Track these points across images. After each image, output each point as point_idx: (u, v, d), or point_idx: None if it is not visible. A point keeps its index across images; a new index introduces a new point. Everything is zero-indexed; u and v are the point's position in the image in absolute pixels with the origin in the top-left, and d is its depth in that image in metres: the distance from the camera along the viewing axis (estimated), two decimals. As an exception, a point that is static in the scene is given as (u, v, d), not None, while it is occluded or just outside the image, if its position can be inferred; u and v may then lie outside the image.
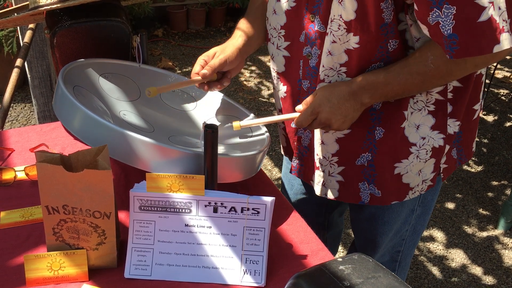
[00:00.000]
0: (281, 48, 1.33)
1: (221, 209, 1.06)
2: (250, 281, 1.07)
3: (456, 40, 1.03)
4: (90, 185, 0.99)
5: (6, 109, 1.92)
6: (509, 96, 4.31)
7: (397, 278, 0.86)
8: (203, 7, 5.44)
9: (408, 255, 1.57)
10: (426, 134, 1.25)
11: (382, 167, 1.29)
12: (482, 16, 1.00)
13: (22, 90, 3.95)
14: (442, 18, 1.02)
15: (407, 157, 1.27)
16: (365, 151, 1.28)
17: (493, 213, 2.96)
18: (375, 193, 1.33)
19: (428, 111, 1.23)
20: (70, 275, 1.05)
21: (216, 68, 1.31)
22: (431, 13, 1.03)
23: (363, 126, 1.26)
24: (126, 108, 1.37)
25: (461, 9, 1.01)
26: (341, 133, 1.28)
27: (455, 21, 1.02)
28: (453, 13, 1.01)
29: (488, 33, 1.02)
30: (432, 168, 1.31)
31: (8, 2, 3.35)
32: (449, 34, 1.03)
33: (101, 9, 1.54)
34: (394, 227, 1.45)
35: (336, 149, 1.31)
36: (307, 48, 1.25)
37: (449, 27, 1.03)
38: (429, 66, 1.12)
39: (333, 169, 1.34)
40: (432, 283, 2.48)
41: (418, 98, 1.21)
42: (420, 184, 1.32)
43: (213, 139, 1.04)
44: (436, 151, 1.28)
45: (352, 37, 1.15)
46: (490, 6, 1.00)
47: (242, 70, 4.60)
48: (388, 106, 1.23)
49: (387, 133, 1.25)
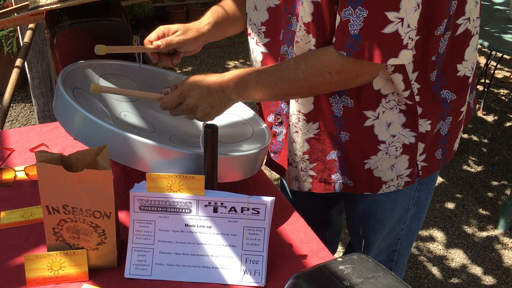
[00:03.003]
0: (260, 44, 1.34)
1: (221, 209, 1.06)
2: (250, 281, 1.07)
3: (359, 42, 1.07)
4: (90, 185, 0.99)
5: (6, 109, 1.92)
6: (509, 96, 4.31)
7: (397, 278, 0.86)
8: (203, 7, 5.43)
9: (405, 254, 1.58)
10: (397, 132, 1.27)
11: (351, 162, 1.32)
12: (387, 28, 1.04)
13: (22, 90, 3.95)
14: (353, 17, 1.06)
15: (375, 154, 1.30)
16: (334, 149, 1.31)
17: (493, 213, 2.96)
18: (347, 183, 1.35)
19: (399, 109, 1.25)
20: (70, 275, 1.05)
21: (171, 46, 1.33)
22: (345, 9, 1.06)
23: (329, 131, 1.29)
24: (127, 109, 1.37)
25: (371, 15, 1.04)
26: (311, 134, 1.31)
27: (363, 24, 1.05)
28: (364, 16, 1.05)
29: (389, 45, 1.06)
30: (407, 164, 1.32)
31: (8, 2, 3.35)
32: (355, 34, 1.07)
33: (101, 9, 1.54)
34: (387, 225, 1.46)
35: (307, 148, 1.33)
36: (284, 47, 1.27)
37: (356, 28, 1.06)
38: (299, 75, 1.14)
39: (305, 165, 1.36)
40: (432, 283, 2.48)
41: (390, 97, 1.23)
42: (395, 179, 1.34)
43: (213, 139, 1.05)
44: (407, 148, 1.29)
45: (311, 39, 1.17)
46: (398, 22, 1.04)
47: (242, 70, 4.60)
48: (349, 113, 1.25)
49: (352, 135, 1.28)
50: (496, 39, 2.83)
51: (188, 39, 1.34)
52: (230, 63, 4.74)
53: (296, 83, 1.14)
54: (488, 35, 2.86)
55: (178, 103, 1.19)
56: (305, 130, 1.30)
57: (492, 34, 2.90)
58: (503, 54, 3.21)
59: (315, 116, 1.28)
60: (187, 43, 1.34)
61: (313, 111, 1.27)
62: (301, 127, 1.30)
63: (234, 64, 4.71)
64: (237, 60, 4.78)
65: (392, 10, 1.03)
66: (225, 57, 4.81)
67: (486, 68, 4.05)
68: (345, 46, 1.08)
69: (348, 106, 1.24)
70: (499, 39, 2.84)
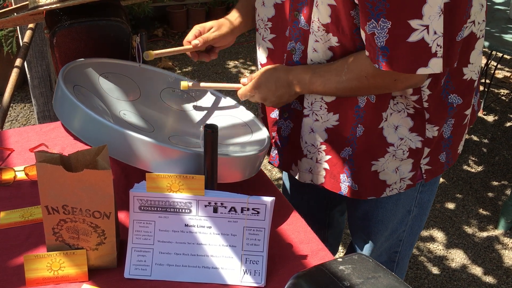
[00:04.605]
0: (266, 40, 1.35)
1: (221, 209, 1.06)
2: (250, 281, 1.06)
3: (387, 53, 1.07)
4: (90, 185, 0.99)
5: (6, 109, 1.92)
6: (509, 96, 4.31)
7: (397, 278, 0.86)
8: (203, 7, 5.43)
9: (406, 256, 1.58)
10: (404, 135, 1.27)
11: (360, 162, 1.32)
12: (412, 37, 1.04)
13: (21, 90, 3.95)
14: (377, 30, 1.06)
15: (383, 156, 1.30)
16: (348, 145, 1.31)
17: (493, 213, 2.96)
18: (352, 187, 1.35)
19: (407, 113, 1.25)
20: (70, 275, 1.05)
21: (208, 42, 1.40)
22: (368, 23, 1.07)
23: (349, 121, 1.29)
24: (126, 108, 1.37)
25: (394, 25, 1.04)
26: (330, 124, 1.31)
27: (389, 35, 1.05)
28: (388, 27, 1.05)
29: (416, 55, 1.06)
30: (411, 168, 1.32)
31: (8, 2, 3.35)
32: (382, 46, 1.07)
33: (101, 9, 1.54)
34: (389, 226, 1.46)
35: (325, 138, 1.33)
36: (292, 43, 1.27)
37: (382, 40, 1.07)
38: (342, 78, 1.19)
39: (320, 157, 1.36)
40: (432, 283, 2.48)
41: (399, 100, 1.23)
42: (398, 182, 1.34)
43: (213, 139, 1.04)
44: (414, 152, 1.29)
45: (332, 37, 1.18)
46: (423, 29, 1.03)
47: (242, 69, 4.61)
48: (370, 106, 1.25)
49: (366, 131, 1.27)
50: (496, 39, 2.83)
51: (223, 33, 1.40)
52: (230, 63, 4.74)
53: (340, 85, 1.21)
54: (489, 35, 2.86)
55: (251, 96, 1.33)
56: (326, 119, 1.30)
57: (492, 34, 2.89)
58: (504, 54, 3.21)
59: (336, 107, 1.28)
60: (222, 38, 1.41)
61: (335, 101, 1.28)
62: (321, 115, 1.30)
63: (234, 64, 4.70)
64: (237, 60, 4.78)
65: (414, 17, 1.02)
66: (225, 57, 4.81)
67: (486, 68, 4.05)
68: (376, 58, 1.10)
69: (370, 100, 1.24)
70: (500, 39, 2.84)
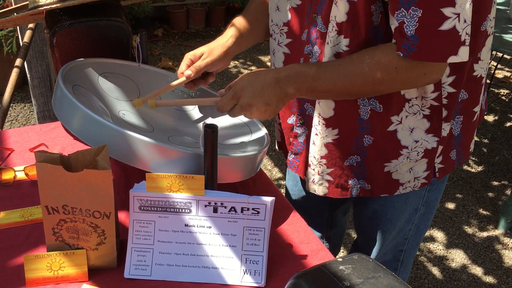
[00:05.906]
0: (282, 45, 1.33)
1: (221, 209, 1.06)
2: (250, 281, 1.06)
3: (416, 42, 1.05)
4: (90, 185, 0.99)
5: (6, 109, 1.92)
6: (509, 96, 4.30)
7: (397, 278, 0.85)
8: (203, 7, 5.43)
9: (411, 255, 1.58)
10: (420, 137, 1.26)
11: (371, 167, 1.31)
12: (444, 25, 1.02)
13: (21, 90, 3.95)
14: (407, 19, 1.04)
15: (397, 158, 1.29)
16: (354, 154, 1.30)
17: (493, 213, 2.96)
18: (364, 187, 1.34)
19: (423, 115, 1.24)
20: (70, 275, 1.05)
21: (201, 70, 1.34)
22: (397, 12, 1.05)
23: (351, 134, 1.27)
24: (126, 108, 1.37)
25: (426, 13, 1.02)
26: (329, 139, 1.29)
27: (419, 24, 1.03)
28: (418, 16, 1.03)
29: (447, 43, 1.04)
30: (425, 167, 1.31)
31: (8, 2, 3.35)
32: (411, 35, 1.05)
33: (101, 9, 1.54)
34: (397, 225, 1.45)
35: (324, 153, 1.31)
36: (308, 47, 1.25)
37: (412, 28, 1.04)
38: (363, 69, 1.10)
39: (322, 169, 1.35)
40: (432, 283, 2.48)
41: (414, 102, 1.22)
42: (412, 180, 1.33)
43: (213, 139, 1.04)
44: (429, 152, 1.29)
45: (342, 39, 1.15)
46: (455, 17, 1.02)
47: (242, 69, 4.60)
48: (376, 116, 1.23)
49: (376, 139, 1.26)
50: (496, 39, 2.83)
51: (215, 58, 1.34)
52: (230, 63, 4.73)
53: (360, 78, 1.11)
54: (488, 35, 2.85)
55: (233, 105, 1.17)
56: (324, 135, 1.29)
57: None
58: (504, 54, 3.20)
59: (335, 123, 1.26)
60: (215, 63, 1.35)
61: (332, 117, 1.25)
62: (320, 131, 1.29)
63: (234, 64, 4.70)
64: (237, 61, 4.78)
65: (448, 5, 1.01)
66: (225, 57, 4.81)
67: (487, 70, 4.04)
68: (402, 47, 1.07)
69: (376, 110, 1.22)
70: (500, 39, 2.83)
